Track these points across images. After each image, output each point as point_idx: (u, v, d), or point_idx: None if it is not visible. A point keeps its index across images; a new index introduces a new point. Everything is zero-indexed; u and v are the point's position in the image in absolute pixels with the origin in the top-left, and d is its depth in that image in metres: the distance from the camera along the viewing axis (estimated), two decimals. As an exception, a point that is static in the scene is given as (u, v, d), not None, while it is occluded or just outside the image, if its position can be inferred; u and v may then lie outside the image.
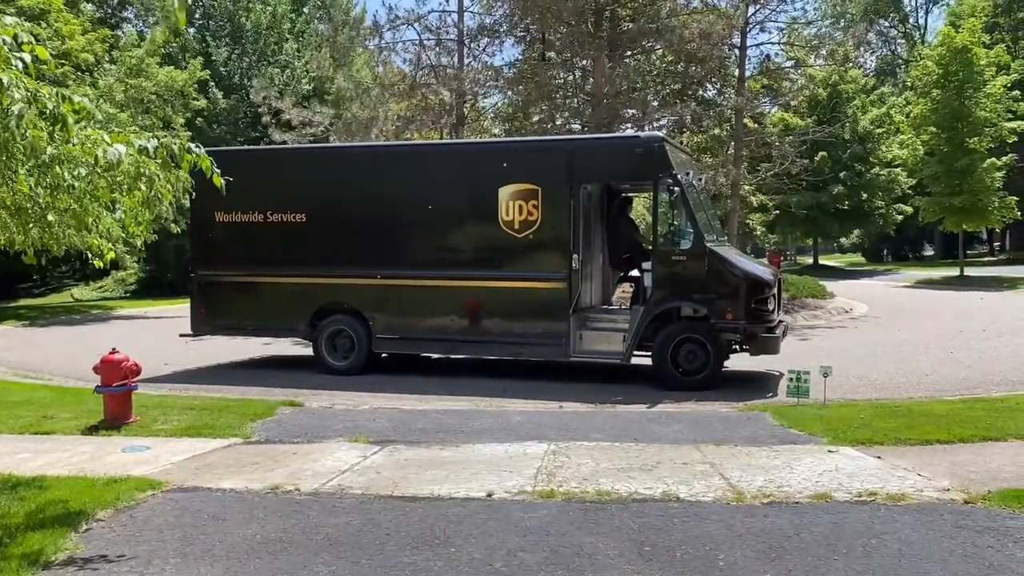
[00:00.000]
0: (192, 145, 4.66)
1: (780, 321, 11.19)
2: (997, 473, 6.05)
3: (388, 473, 6.33)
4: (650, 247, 11.55)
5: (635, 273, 12.41)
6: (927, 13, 65.41)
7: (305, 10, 41.76)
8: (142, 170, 4.64)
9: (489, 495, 5.71)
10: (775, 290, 10.84)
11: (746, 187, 24.05)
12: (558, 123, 21.85)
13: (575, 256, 10.93)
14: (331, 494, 5.83)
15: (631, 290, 12.94)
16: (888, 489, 5.68)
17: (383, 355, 12.39)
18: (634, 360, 10.94)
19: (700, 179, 12.11)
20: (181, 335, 13.40)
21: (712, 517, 5.20)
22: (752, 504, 5.44)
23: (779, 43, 25.33)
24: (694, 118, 22.29)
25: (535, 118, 21.75)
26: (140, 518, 5.33)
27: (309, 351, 14.27)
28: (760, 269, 11.26)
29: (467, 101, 21.83)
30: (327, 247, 11.99)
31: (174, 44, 34.83)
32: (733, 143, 22.95)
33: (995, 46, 35.44)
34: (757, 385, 10.81)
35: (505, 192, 11.10)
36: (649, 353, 10.80)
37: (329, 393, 10.34)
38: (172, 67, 29.88)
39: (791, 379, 9.19)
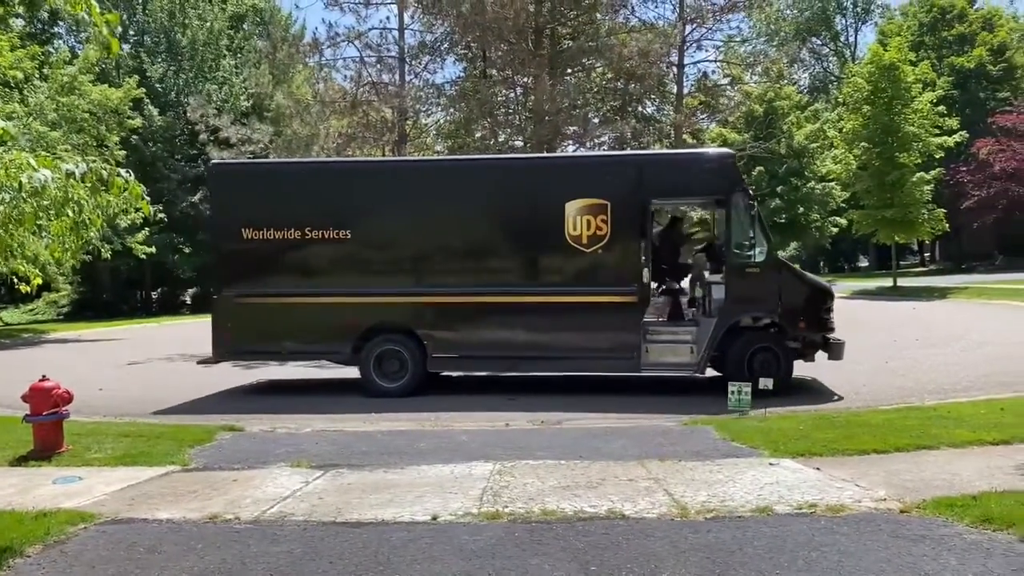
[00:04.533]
0: (123, 171, 4.54)
1: None
2: (931, 481, 6.20)
3: (331, 498, 6.22)
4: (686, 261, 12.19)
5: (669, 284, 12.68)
6: (857, 32, 67.72)
7: (244, 27, 41.33)
8: (70, 195, 4.51)
9: (434, 518, 5.65)
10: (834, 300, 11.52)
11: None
12: (501, 140, 21.94)
13: (645, 270, 11.14)
14: (272, 522, 5.70)
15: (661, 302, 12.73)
16: (827, 500, 5.78)
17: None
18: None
19: None
20: (199, 362, 12.85)
21: (657, 534, 5.22)
22: (696, 519, 5.48)
23: (716, 61, 25.91)
24: (634, 134, 22.62)
25: (478, 135, 21.80)
26: (71, 553, 5.14)
27: (251, 373, 14.03)
28: (822, 280, 11.62)
29: (409, 118, 21.80)
30: (376, 265, 11.70)
31: (107, 61, 34.07)
32: (672, 159, 23.29)
33: (921, 63, 36.75)
34: (700, 397, 10.91)
35: (572, 207, 11.17)
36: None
37: (271, 417, 10.14)
38: (106, 84, 29.20)
39: (732, 392, 9.33)
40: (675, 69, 23.10)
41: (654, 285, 12.22)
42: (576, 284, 11.25)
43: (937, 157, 34.36)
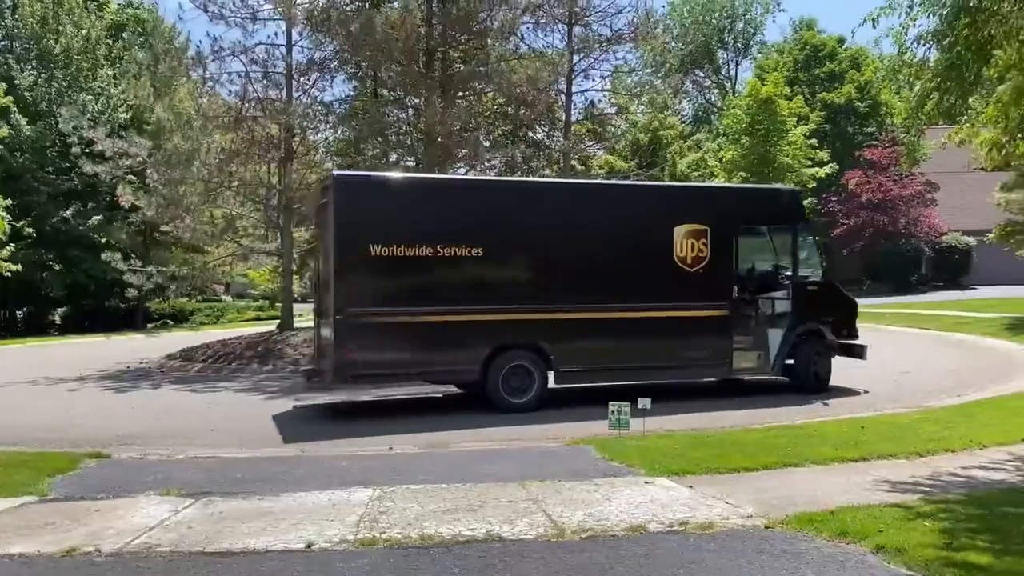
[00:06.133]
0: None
1: None
2: (794, 498, 6.49)
3: (201, 527, 5.99)
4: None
5: None
6: (737, 66, 70.79)
7: (124, 36, 39.76)
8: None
9: (309, 546, 5.52)
10: None
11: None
12: (392, 160, 21.83)
13: (735, 286, 12.69)
14: (136, 553, 5.44)
15: None
16: (698, 518, 5.97)
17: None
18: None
19: None
20: (310, 384, 12.12)
21: (533, 555, 5.26)
22: (571, 540, 5.55)
23: (603, 90, 26.61)
24: (524, 159, 23.00)
25: (368, 154, 21.62)
26: (-93, 594, 4.77)
27: (114, 396, 13.46)
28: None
29: (296, 135, 21.40)
30: (508, 282, 11.75)
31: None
32: (561, 183, 23.72)
33: (795, 98, 38.76)
34: (584, 411, 11.03)
35: (680, 231, 12.45)
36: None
37: (141, 444, 9.70)
38: (-32, 91, 27.54)
39: (612, 412, 9.49)
40: (563, 97, 23.59)
41: None
42: (682, 300, 12.44)
43: (810, 187, 36.24)
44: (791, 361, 13.11)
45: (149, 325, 34.04)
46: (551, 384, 11.95)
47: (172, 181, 20.48)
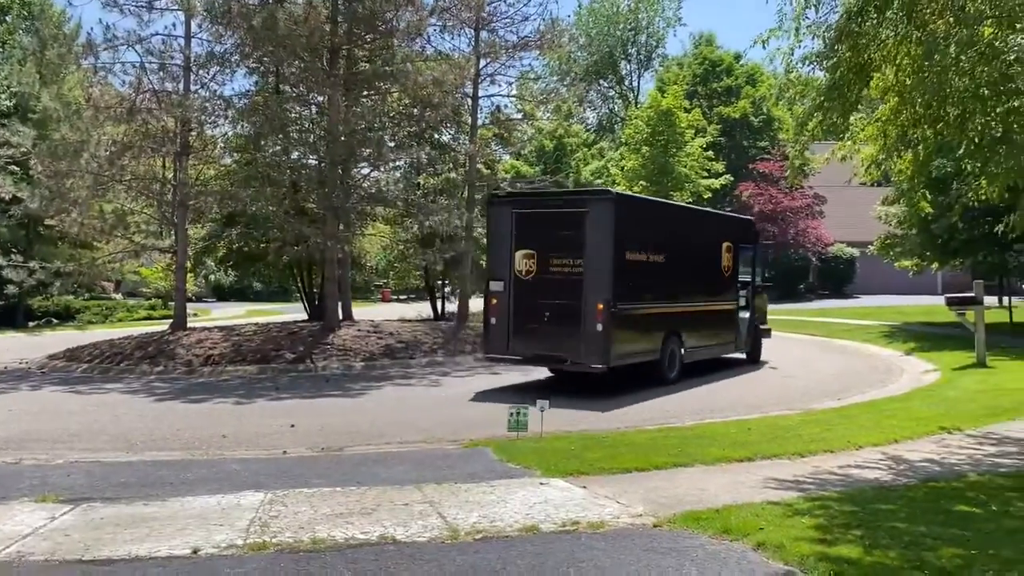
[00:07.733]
0: None
1: None
2: (683, 497, 6.70)
3: (79, 535, 5.74)
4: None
5: None
6: (640, 78, 72.34)
7: (7, 19, 37.69)
8: None
9: (195, 551, 5.37)
10: None
11: (480, 229, 24.94)
12: (294, 157, 21.39)
13: (738, 287, 17.71)
14: (6, 563, 5.17)
15: None
16: (590, 517, 6.09)
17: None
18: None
19: None
20: (594, 369, 13.30)
21: (425, 557, 5.26)
22: (465, 541, 5.58)
23: (509, 96, 26.75)
24: (430, 160, 22.91)
25: (269, 151, 21.10)
26: None
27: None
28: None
29: (193, 129, 20.72)
30: (673, 282, 15.14)
31: None
32: (467, 187, 23.75)
33: (693, 111, 39.91)
34: (481, 422, 11.08)
35: (723, 246, 17.16)
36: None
37: (16, 448, 9.22)
38: None
39: (511, 414, 9.57)
40: (470, 100, 23.61)
41: None
42: (726, 297, 17.24)
43: (706, 197, 37.40)
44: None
45: (31, 323, 32.25)
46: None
47: (59, 173, 19.50)
